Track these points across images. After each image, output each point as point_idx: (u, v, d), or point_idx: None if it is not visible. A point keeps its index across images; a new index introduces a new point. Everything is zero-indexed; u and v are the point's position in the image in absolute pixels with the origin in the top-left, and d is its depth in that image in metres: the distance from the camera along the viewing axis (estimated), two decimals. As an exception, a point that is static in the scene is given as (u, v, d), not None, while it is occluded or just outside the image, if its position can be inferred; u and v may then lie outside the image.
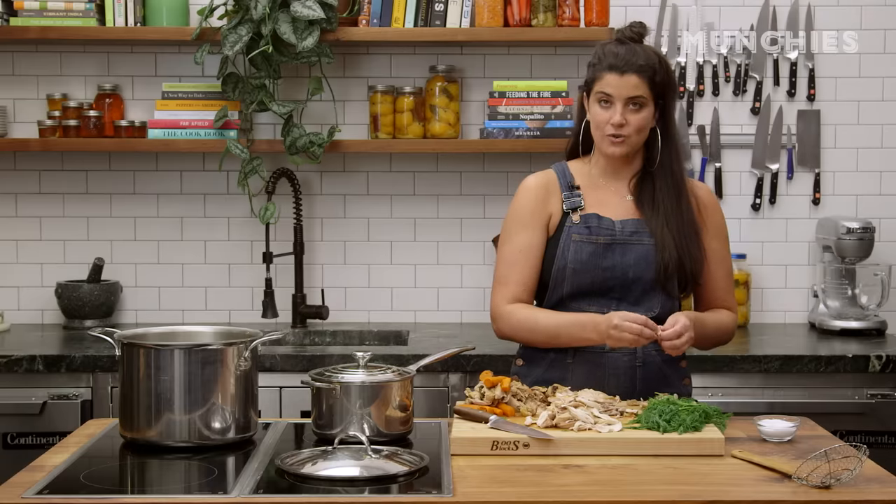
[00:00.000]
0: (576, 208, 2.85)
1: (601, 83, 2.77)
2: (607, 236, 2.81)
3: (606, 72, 2.77)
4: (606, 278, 2.80)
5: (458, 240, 4.14)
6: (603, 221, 2.83)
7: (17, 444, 3.47)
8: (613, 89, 2.75)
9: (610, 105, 2.77)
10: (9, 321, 4.06)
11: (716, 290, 2.91)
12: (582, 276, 2.81)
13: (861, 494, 2.15)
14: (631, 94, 2.75)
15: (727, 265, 2.94)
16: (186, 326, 2.91)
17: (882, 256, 4.06)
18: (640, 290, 2.80)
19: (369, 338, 3.98)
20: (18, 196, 4.11)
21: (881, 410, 3.52)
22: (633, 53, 2.77)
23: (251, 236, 4.12)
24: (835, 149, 4.14)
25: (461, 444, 2.40)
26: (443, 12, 3.88)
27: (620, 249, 2.81)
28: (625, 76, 2.75)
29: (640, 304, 2.80)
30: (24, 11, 3.89)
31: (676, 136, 2.88)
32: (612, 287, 2.81)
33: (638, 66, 2.75)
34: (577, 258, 2.81)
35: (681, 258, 2.79)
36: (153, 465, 2.38)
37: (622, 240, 2.81)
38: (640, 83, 2.75)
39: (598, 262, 2.80)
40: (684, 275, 2.81)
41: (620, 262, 2.80)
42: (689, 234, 2.82)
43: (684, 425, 2.43)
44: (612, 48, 2.79)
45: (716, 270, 2.90)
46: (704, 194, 2.93)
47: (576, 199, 2.86)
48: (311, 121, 4.07)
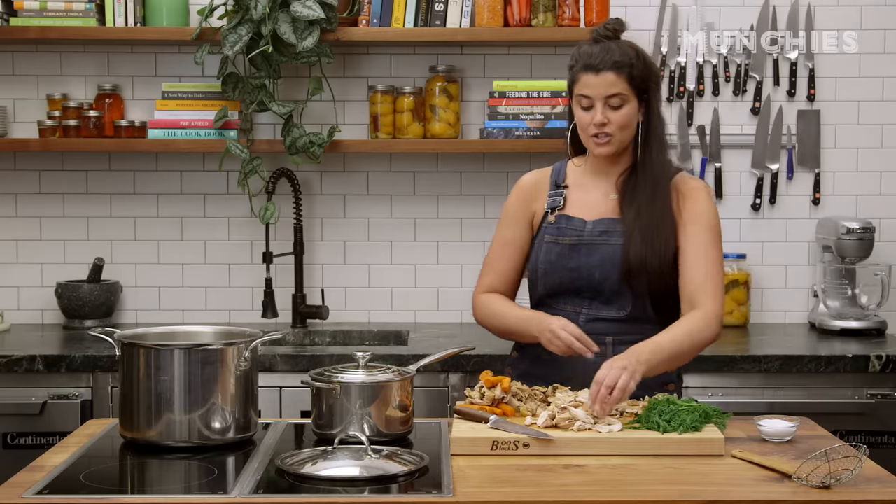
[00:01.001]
0: (554, 208, 2.86)
1: (579, 85, 2.75)
2: (574, 237, 2.81)
3: (583, 72, 2.74)
4: (574, 279, 2.80)
5: (458, 240, 4.14)
6: (572, 222, 2.83)
7: (17, 444, 3.47)
8: (591, 89, 2.73)
9: (591, 106, 2.75)
10: (9, 321, 4.06)
11: (693, 276, 2.73)
12: (552, 276, 2.82)
13: (861, 494, 2.15)
14: (609, 91, 2.73)
15: (709, 253, 2.75)
16: (186, 326, 2.92)
17: (882, 256, 4.05)
18: (609, 290, 2.78)
19: (369, 338, 3.98)
20: (18, 196, 4.11)
21: (881, 410, 3.52)
22: (608, 51, 2.73)
23: (251, 236, 4.12)
24: (835, 149, 4.14)
25: (461, 444, 2.40)
26: (443, 12, 3.88)
27: (586, 250, 2.79)
28: (601, 74, 2.72)
29: (611, 303, 2.79)
30: (24, 11, 3.89)
31: (660, 129, 2.82)
32: (581, 287, 2.80)
33: (613, 63, 2.72)
34: (546, 259, 2.83)
35: (645, 253, 2.72)
36: (153, 465, 2.38)
37: (589, 240, 2.80)
38: (617, 80, 2.72)
39: (565, 262, 2.80)
40: (648, 270, 2.73)
41: (586, 263, 2.79)
42: (659, 227, 2.75)
43: (684, 425, 2.43)
44: (587, 48, 2.77)
45: (692, 254, 2.74)
46: (691, 185, 2.82)
47: (557, 198, 2.87)
48: (311, 121, 4.07)
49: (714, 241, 2.77)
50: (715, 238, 2.78)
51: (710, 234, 2.77)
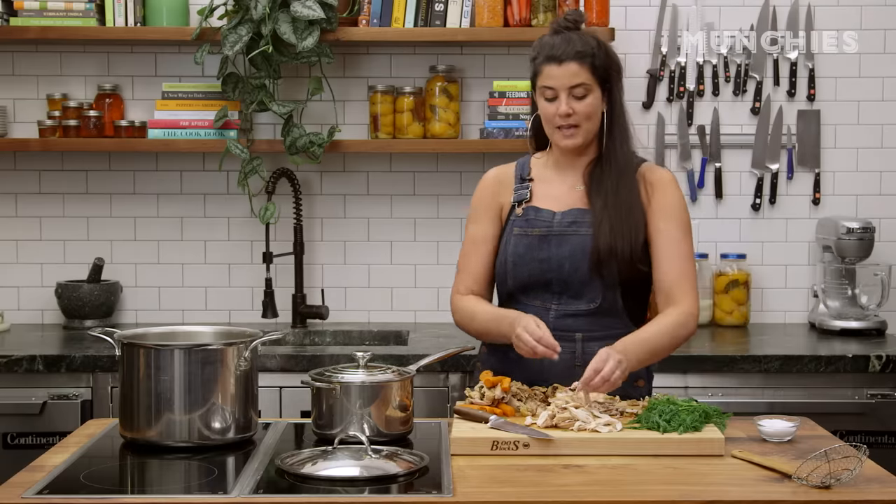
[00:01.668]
0: (521, 201, 2.84)
1: (542, 77, 2.75)
2: (543, 228, 2.79)
3: (545, 64, 2.73)
4: (544, 270, 2.78)
5: (458, 240, 4.13)
6: (541, 213, 2.81)
7: (17, 444, 3.47)
8: (554, 80, 2.72)
9: (555, 97, 2.74)
10: (9, 321, 4.06)
11: (668, 273, 2.75)
12: (521, 269, 2.80)
13: (861, 494, 2.15)
14: (572, 82, 2.72)
15: (681, 249, 2.76)
16: (186, 326, 2.92)
17: (882, 256, 4.05)
18: (579, 281, 2.76)
19: (369, 338, 3.98)
20: (18, 196, 4.11)
21: (881, 410, 3.52)
22: (569, 41, 2.73)
23: (251, 236, 4.12)
24: (835, 149, 4.14)
25: (461, 444, 2.40)
26: (443, 12, 3.88)
27: (556, 241, 2.78)
28: (563, 65, 2.71)
29: (580, 296, 2.78)
30: (24, 11, 3.89)
31: (623, 119, 2.81)
32: (551, 280, 2.78)
33: (575, 53, 2.71)
34: (515, 251, 2.81)
35: (613, 240, 2.71)
36: (153, 465, 2.38)
37: (558, 231, 2.78)
38: (579, 70, 2.72)
39: (535, 254, 2.79)
40: (618, 259, 2.72)
41: (556, 254, 2.77)
42: (628, 216, 2.74)
43: (684, 425, 2.43)
44: (549, 39, 2.76)
45: (665, 250, 2.75)
46: (657, 176, 2.82)
47: (523, 191, 2.85)
48: (311, 121, 4.07)
49: (685, 235, 2.79)
50: (686, 231, 2.80)
51: (682, 228, 2.79)
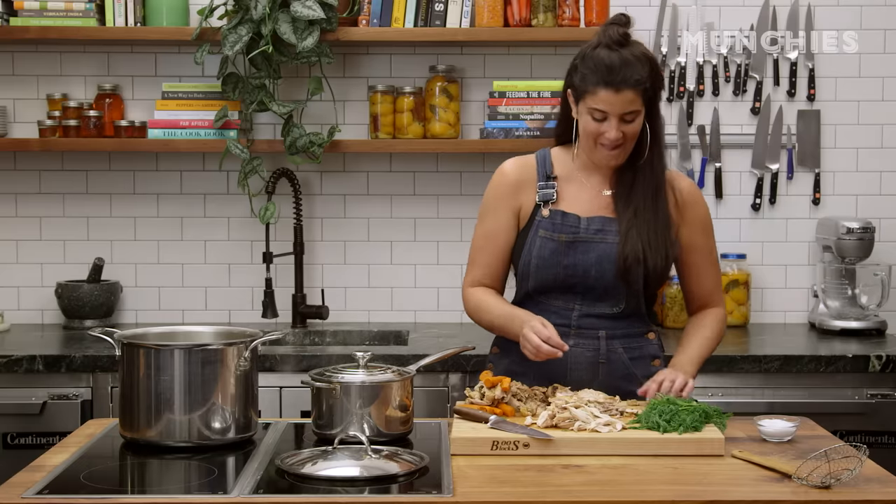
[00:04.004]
0: (547, 201, 2.82)
1: (594, 99, 2.67)
2: (570, 234, 2.78)
3: (601, 88, 2.66)
4: (568, 276, 2.78)
5: (458, 240, 4.14)
6: (567, 218, 2.80)
7: (17, 444, 3.47)
8: (609, 107, 2.67)
9: (604, 119, 2.69)
10: (9, 321, 4.06)
11: (705, 284, 2.90)
12: (545, 272, 2.79)
13: (861, 494, 2.15)
14: (626, 108, 2.67)
15: (714, 258, 2.92)
16: (186, 326, 2.92)
17: (882, 256, 4.06)
18: (603, 287, 2.78)
19: (369, 338, 3.98)
20: (18, 196, 4.11)
21: (881, 410, 3.52)
22: (627, 64, 2.65)
23: (251, 236, 4.12)
24: (835, 149, 4.14)
25: (461, 444, 2.40)
26: (443, 12, 3.88)
27: (583, 247, 2.78)
28: (621, 93, 2.66)
29: (603, 300, 2.79)
30: (24, 11, 3.89)
31: (662, 132, 2.81)
32: (575, 284, 2.79)
33: (634, 81, 2.65)
34: (540, 254, 2.80)
35: (644, 252, 2.73)
36: (153, 465, 2.38)
37: (585, 238, 2.78)
38: (635, 98, 2.67)
39: (560, 259, 2.78)
40: (647, 269, 2.75)
41: (582, 261, 2.77)
42: (658, 229, 2.76)
43: (684, 425, 2.43)
44: (604, 57, 2.67)
45: (702, 263, 2.89)
46: (686, 187, 2.86)
47: (549, 190, 2.82)
48: (311, 121, 4.07)
49: (715, 245, 2.95)
50: (714, 241, 2.94)
51: (713, 239, 2.93)
